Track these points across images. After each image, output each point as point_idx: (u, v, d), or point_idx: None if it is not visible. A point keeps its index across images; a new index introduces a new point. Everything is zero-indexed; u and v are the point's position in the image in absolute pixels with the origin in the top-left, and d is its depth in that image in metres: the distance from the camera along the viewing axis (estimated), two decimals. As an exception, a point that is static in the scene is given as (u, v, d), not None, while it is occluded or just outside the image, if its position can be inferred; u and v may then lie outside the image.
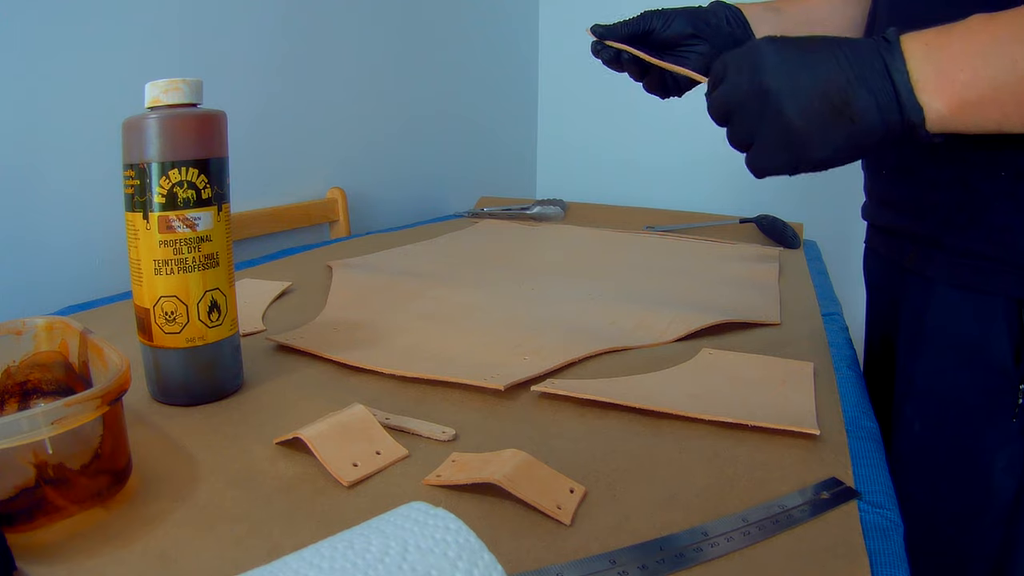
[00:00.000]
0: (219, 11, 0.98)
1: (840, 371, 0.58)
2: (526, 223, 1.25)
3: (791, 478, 0.41)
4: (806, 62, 0.42)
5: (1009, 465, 0.55)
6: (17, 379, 0.44)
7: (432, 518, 0.26)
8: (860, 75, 0.41)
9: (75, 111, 0.81)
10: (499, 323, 0.67)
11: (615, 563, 0.33)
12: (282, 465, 0.42)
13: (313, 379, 0.54)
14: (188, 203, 0.46)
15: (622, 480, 0.41)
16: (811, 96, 0.42)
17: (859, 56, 0.42)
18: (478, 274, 0.87)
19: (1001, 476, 0.56)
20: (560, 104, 1.83)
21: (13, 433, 0.32)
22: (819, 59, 0.42)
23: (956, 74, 0.40)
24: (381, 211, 1.35)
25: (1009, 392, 0.54)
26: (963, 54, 0.39)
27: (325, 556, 0.24)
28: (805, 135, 0.43)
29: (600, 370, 0.57)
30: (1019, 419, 0.54)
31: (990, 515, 0.57)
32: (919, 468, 0.60)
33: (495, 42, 1.66)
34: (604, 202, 1.55)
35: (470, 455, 0.42)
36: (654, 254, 1.02)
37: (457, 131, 1.56)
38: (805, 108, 0.42)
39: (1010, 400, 0.54)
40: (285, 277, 0.82)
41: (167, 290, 0.46)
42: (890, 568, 0.34)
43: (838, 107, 0.42)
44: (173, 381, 0.48)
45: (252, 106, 1.05)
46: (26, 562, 0.32)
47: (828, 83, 0.42)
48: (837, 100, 0.42)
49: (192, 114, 0.46)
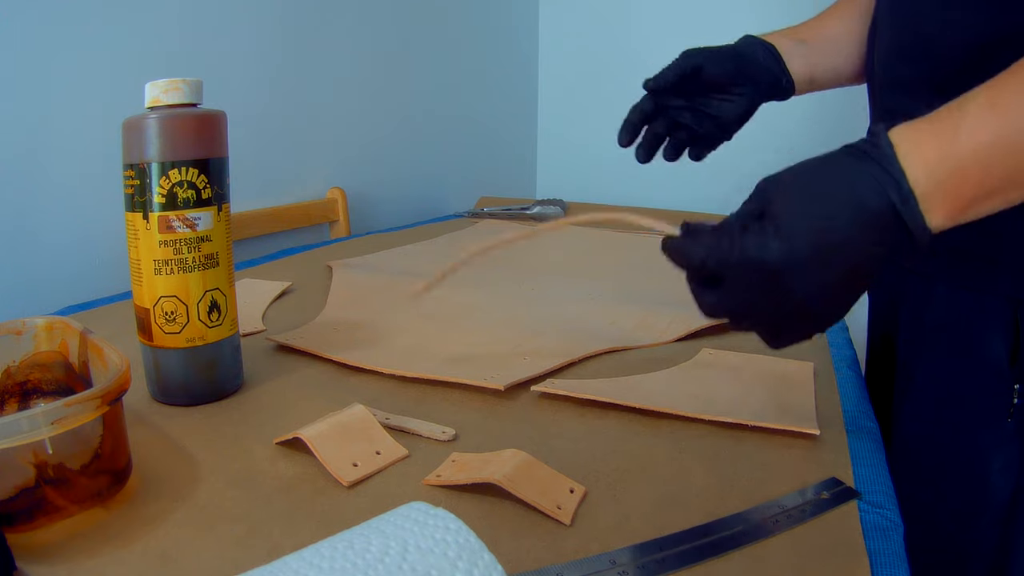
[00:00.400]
0: (219, 11, 0.98)
1: (840, 371, 0.58)
2: (526, 223, 1.25)
3: (791, 478, 0.41)
4: (821, 250, 0.36)
5: (1005, 466, 0.55)
6: (17, 379, 0.44)
7: (432, 518, 0.26)
8: (875, 238, 0.37)
9: (75, 111, 0.81)
10: (499, 323, 0.67)
11: (615, 563, 0.33)
12: (282, 465, 0.42)
13: (313, 379, 0.54)
14: (188, 203, 0.46)
15: (622, 480, 0.41)
16: (834, 284, 0.38)
17: (872, 216, 0.36)
18: (478, 274, 0.86)
19: (997, 477, 0.56)
20: (560, 104, 1.83)
21: (13, 433, 0.32)
22: (835, 241, 0.36)
23: (966, 176, 0.36)
24: (381, 211, 1.35)
25: (1005, 393, 0.54)
26: (971, 151, 0.36)
27: (325, 556, 0.24)
28: (827, 315, 0.40)
29: (600, 370, 0.57)
30: (1015, 420, 0.54)
31: (987, 515, 0.57)
32: (917, 467, 0.60)
33: (495, 42, 1.66)
34: (604, 202, 1.55)
35: (470, 455, 0.42)
36: (654, 254, 1.02)
37: (457, 131, 1.56)
38: (828, 298, 0.38)
39: (1006, 401, 0.54)
40: (285, 277, 0.82)
41: (167, 290, 0.46)
42: (890, 568, 0.34)
43: (859, 281, 0.39)
44: (173, 381, 0.48)
45: (252, 106, 1.05)
46: (26, 562, 0.32)
47: (849, 265, 0.37)
48: (859, 275, 0.38)
49: (192, 114, 0.46)
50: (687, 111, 0.66)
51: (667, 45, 1.79)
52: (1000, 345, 0.55)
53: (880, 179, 0.36)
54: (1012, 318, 0.54)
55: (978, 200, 0.37)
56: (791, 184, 0.39)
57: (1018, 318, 0.54)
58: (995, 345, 0.55)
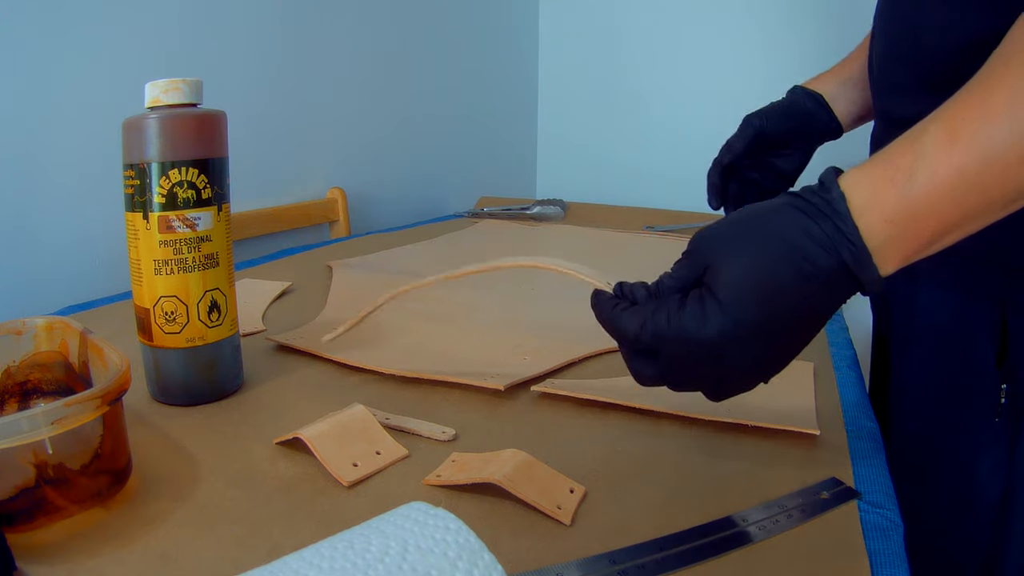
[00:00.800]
0: (219, 11, 0.98)
1: (840, 371, 0.58)
2: (526, 223, 1.25)
3: (791, 478, 0.41)
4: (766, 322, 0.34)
5: (994, 466, 0.55)
6: (17, 379, 0.44)
7: (432, 518, 0.26)
8: (824, 298, 0.35)
9: (75, 111, 0.81)
10: (499, 323, 0.67)
11: (615, 563, 0.33)
12: (282, 465, 0.42)
13: (313, 379, 0.54)
14: (188, 203, 0.46)
15: (622, 480, 0.41)
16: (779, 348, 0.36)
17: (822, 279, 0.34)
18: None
19: (987, 476, 0.55)
20: (560, 104, 1.83)
21: (13, 433, 0.32)
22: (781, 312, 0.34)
23: (923, 227, 0.34)
24: (381, 211, 1.35)
25: (992, 392, 0.54)
26: (929, 202, 0.33)
27: (325, 556, 0.24)
28: (773, 371, 0.38)
29: (600, 370, 0.57)
30: (1002, 419, 0.54)
31: (977, 515, 0.57)
32: (911, 467, 0.60)
33: (495, 42, 1.66)
34: (604, 202, 1.55)
35: (470, 455, 0.42)
36: (654, 254, 1.02)
37: (457, 131, 1.56)
38: (773, 359, 0.37)
39: (993, 400, 0.54)
40: (285, 277, 0.82)
41: (167, 290, 0.46)
42: (890, 568, 0.34)
43: (806, 337, 0.37)
44: (173, 381, 0.48)
45: (252, 106, 1.05)
46: (26, 562, 0.32)
47: (795, 331, 0.36)
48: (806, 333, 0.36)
49: (192, 114, 0.46)
50: (754, 170, 0.70)
51: (667, 45, 1.79)
52: (987, 345, 0.55)
53: (833, 238, 0.34)
54: (999, 318, 0.54)
55: (937, 239, 0.34)
56: (732, 246, 0.36)
57: (1005, 318, 0.53)
58: (981, 345, 0.55)
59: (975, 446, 0.56)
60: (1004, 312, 0.53)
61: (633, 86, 1.69)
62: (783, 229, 0.35)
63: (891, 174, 0.34)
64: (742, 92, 1.57)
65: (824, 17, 1.46)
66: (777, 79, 1.63)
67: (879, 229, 0.33)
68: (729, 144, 0.68)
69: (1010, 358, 0.53)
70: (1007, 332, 0.54)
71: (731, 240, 0.36)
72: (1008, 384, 0.54)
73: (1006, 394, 0.54)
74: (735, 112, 1.72)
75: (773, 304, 0.34)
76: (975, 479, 0.56)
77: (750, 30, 1.54)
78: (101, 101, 0.83)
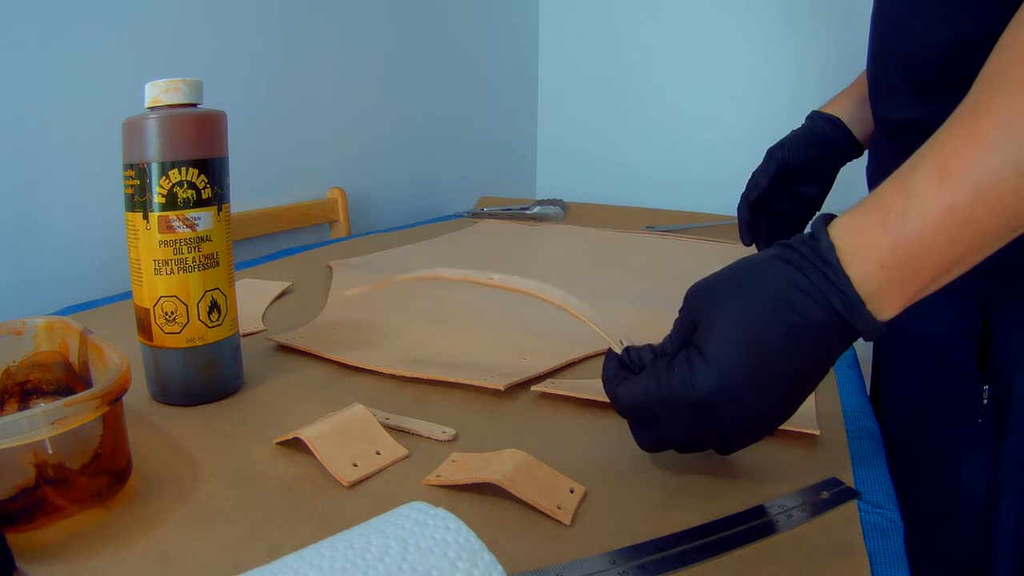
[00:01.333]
0: (218, 11, 0.98)
1: (840, 371, 0.58)
2: (526, 223, 1.25)
3: (791, 478, 0.41)
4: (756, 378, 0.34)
5: (979, 466, 0.55)
6: (17, 379, 0.44)
7: (432, 518, 0.26)
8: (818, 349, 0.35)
9: (75, 111, 0.81)
10: (499, 323, 0.67)
11: (615, 563, 0.33)
12: (282, 465, 0.42)
13: (313, 379, 0.54)
14: (188, 203, 0.46)
15: (622, 480, 0.41)
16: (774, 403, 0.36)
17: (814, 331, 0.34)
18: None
19: (971, 478, 0.55)
20: (560, 104, 1.83)
21: (13, 433, 0.32)
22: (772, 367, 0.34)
23: (921, 267, 0.33)
24: (381, 211, 1.35)
25: (975, 394, 0.54)
26: (924, 244, 0.32)
27: (325, 556, 0.24)
28: (775, 424, 0.38)
29: (600, 370, 0.57)
30: (985, 420, 0.54)
31: (964, 517, 0.57)
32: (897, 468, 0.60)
33: (495, 42, 1.66)
34: (604, 202, 1.55)
35: (470, 455, 0.42)
36: (654, 254, 1.02)
37: (457, 131, 1.56)
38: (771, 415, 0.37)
39: (976, 402, 0.54)
40: (285, 277, 0.82)
41: (167, 290, 0.46)
42: (890, 568, 0.34)
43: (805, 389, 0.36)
44: (173, 381, 0.48)
45: (252, 106, 1.05)
46: (26, 562, 0.32)
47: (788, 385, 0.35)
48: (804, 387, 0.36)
49: (192, 114, 0.46)
50: (781, 201, 0.72)
51: (667, 45, 1.79)
52: (968, 347, 0.54)
53: (823, 288, 0.33)
54: (979, 319, 0.53)
55: (936, 278, 0.33)
56: (719, 301, 0.36)
57: (987, 318, 0.53)
58: (963, 347, 0.55)
59: (959, 448, 0.56)
60: (986, 312, 0.53)
61: (633, 86, 1.69)
62: (771, 282, 0.34)
63: (882, 216, 0.33)
64: (742, 92, 1.58)
65: (824, 17, 1.46)
66: (777, 79, 1.63)
67: (872, 275, 0.33)
68: (755, 180, 0.70)
69: (992, 359, 0.53)
70: (988, 333, 0.53)
71: (719, 295, 0.36)
72: (990, 385, 0.54)
73: (988, 395, 0.53)
74: (735, 112, 1.73)
75: (763, 358, 0.34)
76: (960, 480, 0.56)
77: (750, 30, 1.54)
78: (101, 101, 0.83)
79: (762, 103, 1.54)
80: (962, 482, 0.56)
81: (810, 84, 1.49)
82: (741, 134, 1.58)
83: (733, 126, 1.58)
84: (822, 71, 1.47)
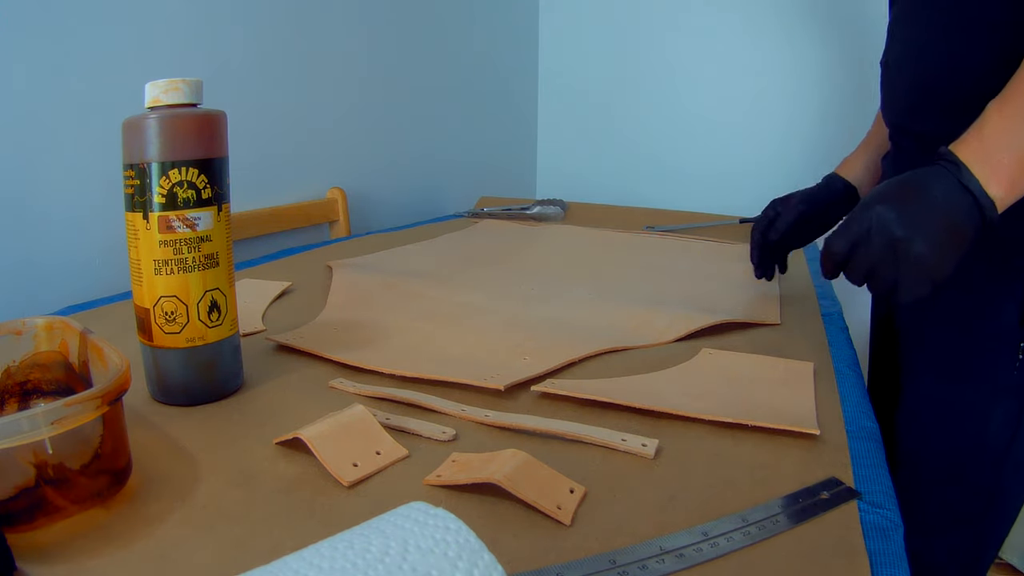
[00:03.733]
0: (219, 12, 0.98)
1: (840, 371, 0.58)
2: (526, 223, 1.25)
3: (791, 478, 0.41)
4: (918, 209, 0.50)
5: (1005, 418, 0.61)
6: (17, 379, 0.44)
7: (432, 518, 0.26)
8: (953, 202, 0.50)
9: (75, 111, 0.81)
10: (499, 323, 0.67)
11: (615, 563, 0.33)
12: (282, 465, 0.42)
13: (313, 379, 0.54)
14: (188, 203, 0.46)
15: (622, 480, 0.41)
16: (934, 233, 0.50)
17: (945, 186, 0.50)
18: (478, 274, 0.87)
19: (997, 426, 0.62)
20: (560, 104, 1.83)
21: (13, 433, 0.32)
22: (924, 203, 0.50)
23: (1001, 161, 0.49)
24: (381, 211, 1.35)
25: (1010, 352, 0.60)
26: (997, 146, 0.49)
27: (325, 556, 0.24)
28: (937, 265, 0.50)
29: (600, 370, 0.57)
30: (1019, 372, 0.60)
31: (985, 460, 0.63)
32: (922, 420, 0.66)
33: (495, 42, 1.66)
34: (604, 202, 1.56)
35: (470, 455, 0.42)
36: (654, 254, 1.02)
37: (457, 131, 1.56)
38: (933, 244, 0.49)
39: (1011, 356, 0.60)
40: (285, 277, 0.82)
41: (167, 290, 0.46)
42: (890, 568, 0.34)
43: (951, 232, 0.50)
44: (173, 381, 0.48)
45: (252, 106, 1.05)
46: (26, 562, 0.32)
47: (940, 217, 0.50)
48: (949, 226, 0.50)
49: (192, 114, 0.46)
50: (793, 239, 0.79)
51: (666, 45, 1.79)
52: (1011, 305, 0.60)
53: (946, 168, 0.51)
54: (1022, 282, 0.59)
55: (1017, 169, 0.49)
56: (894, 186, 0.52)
57: None
58: (1006, 305, 0.60)
59: (990, 399, 0.62)
60: None
61: (633, 86, 1.69)
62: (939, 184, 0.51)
63: (972, 131, 0.51)
64: (742, 92, 1.58)
65: (824, 18, 1.46)
66: (777, 80, 1.63)
67: (970, 157, 0.50)
68: (775, 226, 0.77)
69: None
70: None
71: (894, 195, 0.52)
72: None
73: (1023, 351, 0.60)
74: (735, 113, 1.74)
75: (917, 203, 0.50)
76: (988, 428, 0.62)
77: (750, 31, 1.54)
78: (101, 101, 0.83)
79: (762, 103, 1.54)
80: (991, 427, 0.62)
81: (811, 84, 1.49)
82: (741, 134, 1.58)
83: (733, 126, 1.58)
84: (822, 71, 1.47)
